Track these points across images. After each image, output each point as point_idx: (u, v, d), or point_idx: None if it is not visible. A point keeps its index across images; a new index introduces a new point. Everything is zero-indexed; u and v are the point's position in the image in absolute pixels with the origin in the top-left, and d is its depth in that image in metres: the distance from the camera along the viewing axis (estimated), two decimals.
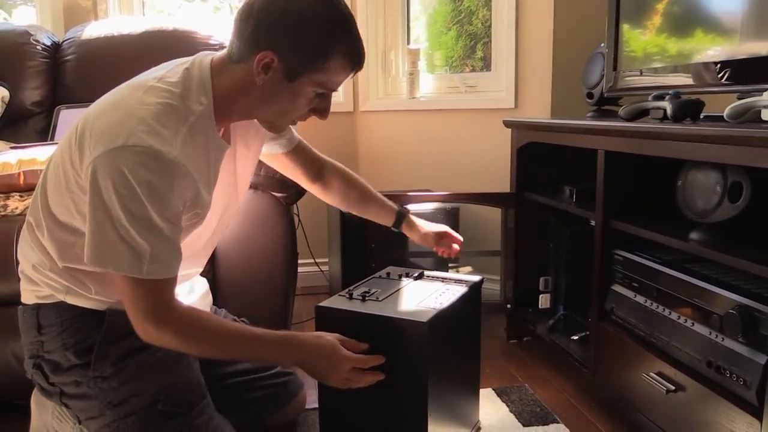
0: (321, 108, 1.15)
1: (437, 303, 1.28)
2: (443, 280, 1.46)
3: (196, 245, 1.27)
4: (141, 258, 1.02)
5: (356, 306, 1.28)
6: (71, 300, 1.17)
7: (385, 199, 1.56)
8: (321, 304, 1.29)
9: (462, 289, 1.38)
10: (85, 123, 1.08)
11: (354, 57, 1.10)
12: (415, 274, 1.48)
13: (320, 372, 1.21)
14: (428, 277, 1.48)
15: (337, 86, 1.14)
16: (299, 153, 1.47)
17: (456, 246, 1.58)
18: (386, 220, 1.55)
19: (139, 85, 1.10)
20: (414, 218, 1.56)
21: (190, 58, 1.15)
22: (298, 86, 1.09)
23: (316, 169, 1.50)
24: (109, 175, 0.99)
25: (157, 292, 1.06)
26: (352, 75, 1.14)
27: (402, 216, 1.54)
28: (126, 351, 1.17)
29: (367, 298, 1.31)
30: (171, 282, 1.08)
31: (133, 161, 0.99)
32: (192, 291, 1.40)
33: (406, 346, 1.21)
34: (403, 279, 1.45)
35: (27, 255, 1.20)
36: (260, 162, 1.44)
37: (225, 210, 1.30)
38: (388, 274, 1.50)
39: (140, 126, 1.01)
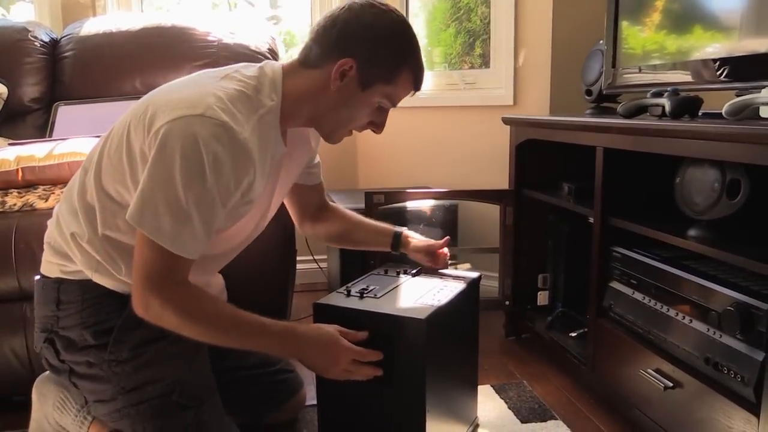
0: (379, 122, 1.24)
1: (435, 300, 1.28)
2: (441, 276, 1.46)
3: (227, 246, 1.28)
4: (178, 230, 1.03)
5: (354, 303, 1.28)
6: (98, 278, 1.17)
7: (381, 223, 1.56)
8: (319, 301, 1.29)
9: (460, 286, 1.38)
10: (159, 96, 1.12)
11: (418, 76, 1.20)
12: (413, 271, 1.48)
13: (320, 365, 1.21)
14: (426, 273, 1.48)
15: (398, 101, 1.22)
16: (315, 192, 1.51)
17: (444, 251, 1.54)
18: (384, 244, 1.53)
19: (216, 74, 1.16)
20: (409, 234, 1.53)
21: (259, 63, 1.21)
22: (368, 95, 1.17)
23: (322, 209, 1.53)
24: (182, 137, 1.02)
25: (175, 268, 1.06)
26: (411, 94, 1.23)
27: (399, 235, 1.52)
28: (145, 338, 1.17)
29: (365, 295, 1.31)
30: (190, 263, 1.08)
31: (209, 131, 1.02)
32: (208, 286, 1.39)
33: (404, 342, 1.21)
34: (401, 276, 1.45)
35: (67, 222, 1.19)
36: None
37: (262, 216, 1.31)
38: (386, 270, 1.50)
39: (218, 103, 1.06)
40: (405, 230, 1.54)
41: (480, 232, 2.49)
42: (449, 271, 1.51)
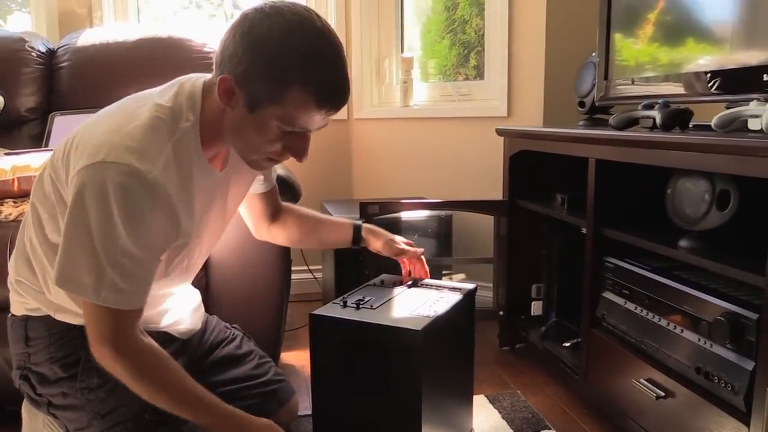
0: (295, 147, 1.08)
1: (431, 311, 1.29)
2: (437, 288, 1.46)
3: (181, 266, 1.26)
4: (101, 283, 0.99)
5: (350, 314, 1.28)
6: (60, 317, 1.16)
7: (341, 219, 1.52)
8: (315, 312, 1.30)
9: (456, 297, 1.39)
10: (79, 133, 1.08)
11: (317, 94, 1.01)
12: (410, 282, 1.49)
13: None
14: (422, 284, 1.49)
15: (307, 125, 1.04)
16: (269, 197, 1.44)
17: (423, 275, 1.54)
18: (345, 237, 1.49)
19: (140, 97, 1.11)
20: (373, 227, 1.51)
21: (191, 75, 1.13)
22: (260, 119, 1.03)
23: (277, 212, 1.48)
24: (91, 187, 0.97)
25: (117, 321, 1.03)
26: (325, 114, 1.04)
27: (359, 228, 1.49)
28: None
29: (361, 306, 1.31)
30: (134, 314, 1.04)
31: (115, 179, 0.96)
32: (184, 303, 1.39)
33: (401, 353, 1.22)
34: (397, 287, 1.46)
35: (21, 272, 1.18)
36: None
37: (213, 236, 1.30)
38: (383, 281, 1.50)
39: (125, 141, 0.99)
40: (366, 225, 1.49)
41: (474, 242, 2.50)
42: (445, 282, 1.51)
